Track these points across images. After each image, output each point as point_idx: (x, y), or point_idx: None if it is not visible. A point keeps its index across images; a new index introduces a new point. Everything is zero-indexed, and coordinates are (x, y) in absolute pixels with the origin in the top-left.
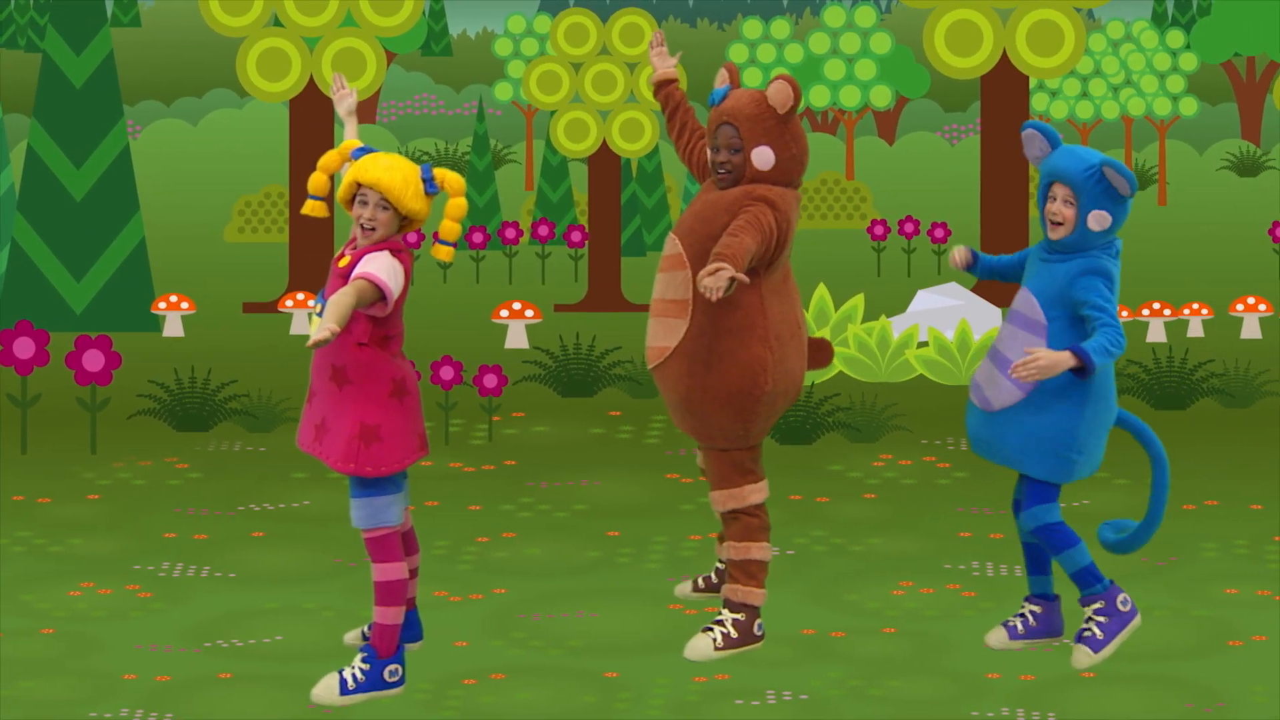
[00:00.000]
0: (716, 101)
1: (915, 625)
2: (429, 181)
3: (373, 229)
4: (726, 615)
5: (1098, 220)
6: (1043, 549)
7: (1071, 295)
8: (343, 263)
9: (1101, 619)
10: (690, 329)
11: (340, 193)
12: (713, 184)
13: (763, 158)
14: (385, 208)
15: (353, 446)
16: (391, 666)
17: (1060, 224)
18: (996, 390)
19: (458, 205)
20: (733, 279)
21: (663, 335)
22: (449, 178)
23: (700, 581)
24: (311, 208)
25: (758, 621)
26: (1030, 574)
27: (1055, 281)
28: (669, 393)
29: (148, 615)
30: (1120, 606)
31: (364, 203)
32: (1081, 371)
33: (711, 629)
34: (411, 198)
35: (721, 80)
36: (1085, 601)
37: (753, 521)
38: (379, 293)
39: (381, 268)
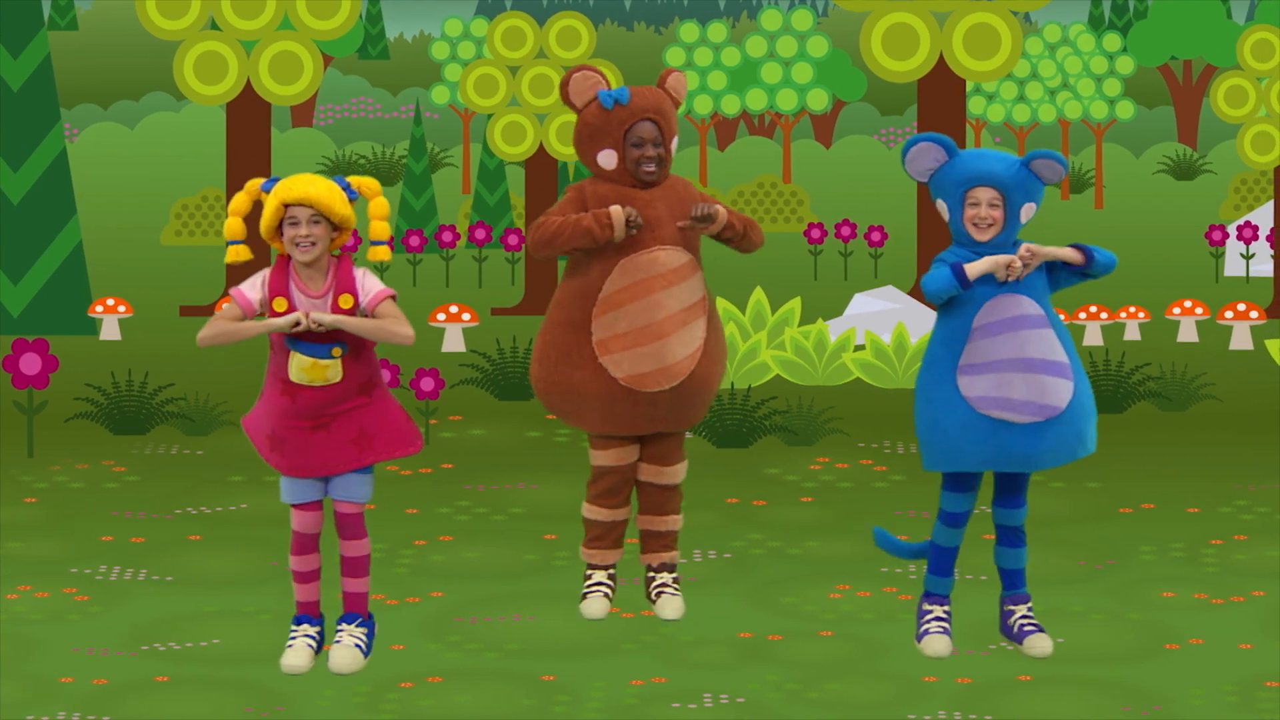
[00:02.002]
0: (625, 101)
1: (853, 628)
2: (347, 189)
3: (311, 244)
4: (668, 577)
5: (1029, 213)
6: (948, 552)
7: (1054, 282)
8: (345, 302)
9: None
10: (709, 319)
11: (265, 224)
12: (636, 185)
13: (674, 145)
14: (318, 221)
15: (412, 426)
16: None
17: (991, 225)
18: (1053, 392)
19: (380, 204)
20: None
21: (692, 339)
22: (364, 182)
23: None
24: (234, 254)
25: None
26: (941, 575)
27: (1030, 281)
28: (702, 389)
29: (85, 618)
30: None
31: (294, 222)
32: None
33: (673, 592)
34: (340, 203)
35: (596, 85)
36: (1020, 600)
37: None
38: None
39: (378, 281)
